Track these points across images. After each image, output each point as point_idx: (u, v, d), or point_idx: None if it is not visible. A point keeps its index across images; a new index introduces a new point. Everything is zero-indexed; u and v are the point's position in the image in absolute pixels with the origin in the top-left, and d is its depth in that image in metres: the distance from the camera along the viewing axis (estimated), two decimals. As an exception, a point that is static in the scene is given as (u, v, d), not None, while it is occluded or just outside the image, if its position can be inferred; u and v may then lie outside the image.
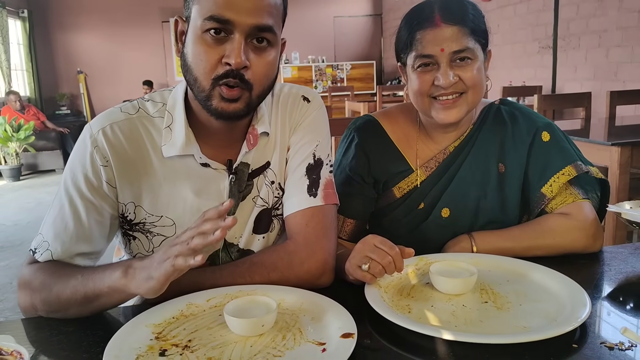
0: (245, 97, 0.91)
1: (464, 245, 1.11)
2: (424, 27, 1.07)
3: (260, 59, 0.90)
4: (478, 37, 1.09)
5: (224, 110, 0.91)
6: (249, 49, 0.89)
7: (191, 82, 0.92)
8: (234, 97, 0.90)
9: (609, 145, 2.42)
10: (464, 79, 1.08)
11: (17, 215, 5.11)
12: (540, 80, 5.60)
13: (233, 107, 0.91)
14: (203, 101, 0.92)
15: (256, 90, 0.92)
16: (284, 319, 0.83)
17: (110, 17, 9.84)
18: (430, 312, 0.85)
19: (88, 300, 0.86)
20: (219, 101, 0.90)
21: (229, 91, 0.89)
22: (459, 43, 1.06)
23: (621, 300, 0.92)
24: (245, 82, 0.90)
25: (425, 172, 1.20)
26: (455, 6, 1.09)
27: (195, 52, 0.89)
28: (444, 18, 1.06)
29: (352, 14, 10.75)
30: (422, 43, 1.07)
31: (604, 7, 4.71)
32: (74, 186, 0.96)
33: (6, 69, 8.22)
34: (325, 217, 1.02)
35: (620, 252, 1.12)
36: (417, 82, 1.10)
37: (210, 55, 0.88)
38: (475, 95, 1.10)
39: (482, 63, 1.11)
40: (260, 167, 1.05)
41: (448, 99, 1.09)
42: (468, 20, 1.07)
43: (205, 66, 0.89)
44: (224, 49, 0.88)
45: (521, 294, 0.90)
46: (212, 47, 0.88)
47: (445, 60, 1.07)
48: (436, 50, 1.06)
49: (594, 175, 1.15)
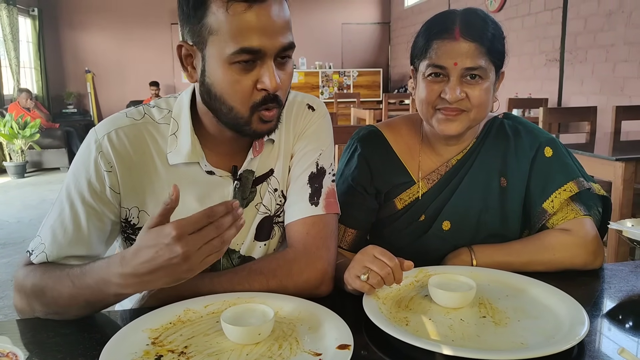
0: (277, 114, 0.94)
1: (464, 258, 1.11)
2: (442, 37, 1.07)
3: (285, 73, 0.92)
4: (493, 58, 1.08)
5: (262, 131, 0.94)
6: (276, 68, 0.89)
7: (224, 111, 0.91)
8: (272, 118, 0.92)
9: (613, 160, 2.41)
10: (470, 96, 1.08)
11: (20, 213, 5.13)
12: (547, 93, 5.60)
13: (268, 127, 0.93)
14: (239, 126, 0.92)
15: (283, 102, 0.95)
16: (281, 327, 0.83)
17: (120, 18, 9.90)
18: (427, 325, 0.85)
19: (86, 302, 0.86)
20: (258, 124, 0.92)
21: (269, 113, 0.91)
22: (472, 60, 1.06)
23: (620, 319, 0.92)
24: (279, 101, 0.92)
25: (427, 184, 1.20)
26: (476, 22, 1.08)
27: (226, 83, 0.88)
28: (463, 32, 1.06)
29: (360, 22, 10.77)
30: (437, 53, 1.07)
31: (611, 22, 4.71)
32: (76, 190, 0.96)
33: (15, 66, 8.27)
34: (326, 226, 1.02)
35: (621, 270, 1.11)
36: (425, 90, 1.11)
37: (244, 84, 0.88)
38: (478, 114, 1.10)
39: (491, 83, 1.10)
40: (264, 175, 1.05)
41: (451, 111, 1.09)
42: (486, 38, 1.07)
43: (242, 96, 0.89)
44: (256, 74, 0.88)
45: (520, 310, 0.89)
46: (244, 76, 0.87)
47: (456, 75, 1.07)
48: (449, 63, 1.06)
49: (595, 192, 1.15)
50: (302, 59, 10.25)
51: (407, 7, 9.87)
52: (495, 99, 1.14)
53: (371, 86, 10.37)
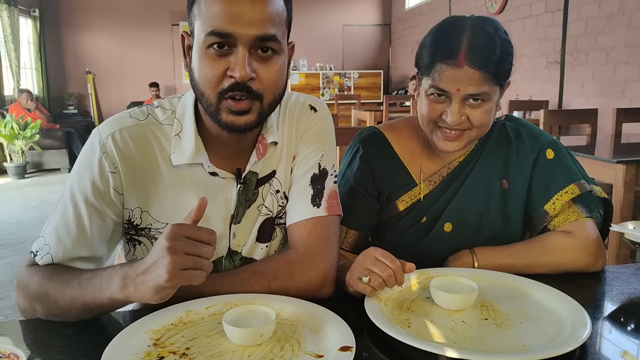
0: (257, 108, 0.91)
1: (466, 260, 1.11)
2: (447, 61, 1.04)
3: (267, 68, 0.89)
4: (498, 80, 1.06)
5: (234, 124, 0.91)
6: (254, 60, 0.88)
7: (199, 97, 0.92)
8: (243, 110, 0.90)
9: (614, 162, 2.41)
10: (471, 118, 1.07)
11: (20, 213, 5.13)
12: (547, 95, 5.60)
13: (244, 120, 0.91)
14: (212, 115, 0.92)
15: (267, 99, 0.91)
16: (282, 329, 0.83)
17: (120, 19, 9.91)
18: (429, 327, 0.85)
19: (88, 309, 0.87)
20: (227, 114, 0.90)
21: (237, 104, 0.89)
22: (476, 87, 1.04)
23: (622, 321, 0.91)
24: (254, 93, 0.89)
25: (429, 186, 1.20)
26: (483, 47, 1.03)
27: (200, 67, 0.89)
28: (468, 59, 1.02)
29: (361, 23, 10.78)
30: (440, 76, 1.05)
31: (612, 25, 4.71)
32: (80, 191, 0.95)
33: (16, 67, 8.28)
34: (327, 227, 1.02)
35: (623, 272, 1.11)
36: (427, 108, 1.10)
37: (214, 69, 0.87)
38: (479, 133, 1.11)
39: (494, 103, 1.09)
40: (266, 176, 1.05)
41: (451, 133, 1.09)
42: (492, 64, 1.03)
43: (210, 80, 0.88)
44: (228, 61, 0.87)
45: (521, 312, 0.89)
46: (216, 61, 0.87)
47: (458, 99, 1.05)
48: (452, 89, 1.05)
49: (597, 195, 1.15)
50: (302, 61, 10.26)
51: (408, 9, 9.89)
52: (498, 107, 1.13)
53: (372, 88, 10.38)
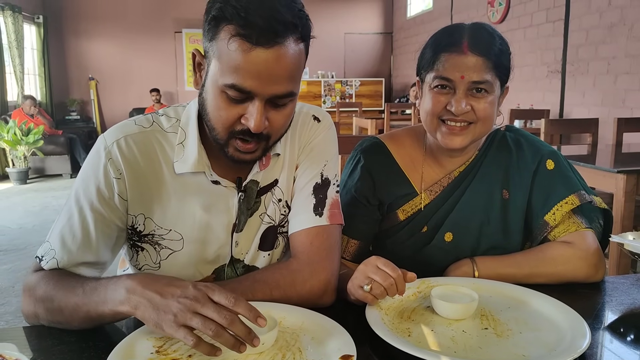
0: (262, 146, 0.94)
1: (466, 269, 1.11)
2: (450, 50, 1.08)
3: (279, 114, 0.91)
4: (499, 73, 1.10)
5: (240, 159, 0.94)
6: (269, 108, 0.89)
7: (208, 127, 0.94)
8: (250, 150, 0.93)
9: (614, 172, 2.41)
10: (475, 109, 1.09)
11: (22, 219, 5.14)
12: (548, 104, 5.62)
13: (250, 157, 0.95)
14: (219, 146, 0.94)
15: (273, 138, 0.95)
16: (284, 337, 0.83)
17: (123, 26, 9.96)
18: (429, 337, 0.85)
19: (91, 318, 0.86)
20: (234, 151, 0.93)
21: (245, 145, 0.92)
22: (479, 74, 1.07)
23: (621, 332, 0.92)
24: (263, 137, 0.92)
25: (430, 195, 1.21)
26: (484, 37, 1.10)
27: (214, 105, 0.90)
28: (471, 46, 1.07)
29: (362, 32, 10.83)
30: (444, 65, 1.09)
31: (613, 34, 4.73)
32: (85, 197, 0.97)
33: (20, 73, 8.32)
34: (329, 236, 1.03)
35: (622, 283, 1.11)
36: (431, 101, 1.12)
37: (229, 112, 0.89)
38: (483, 127, 1.12)
39: (496, 97, 1.12)
40: (268, 185, 1.06)
41: (456, 125, 1.11)
42: (493, 53, 1.08)
43: (224, 121, 0.90)
44: (244, 108, 0.88)
45: (521, 322, 0.90)
46: (231, 105, 0.88)
47: (462, 88, 1.08)
48: (456, 76, 1.08)
49: (597, 205, 1.16)
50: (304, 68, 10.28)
51: (409, 17, 9.93)
52: (499, 112, 1.15)
53: (373, 96, 10.40)
